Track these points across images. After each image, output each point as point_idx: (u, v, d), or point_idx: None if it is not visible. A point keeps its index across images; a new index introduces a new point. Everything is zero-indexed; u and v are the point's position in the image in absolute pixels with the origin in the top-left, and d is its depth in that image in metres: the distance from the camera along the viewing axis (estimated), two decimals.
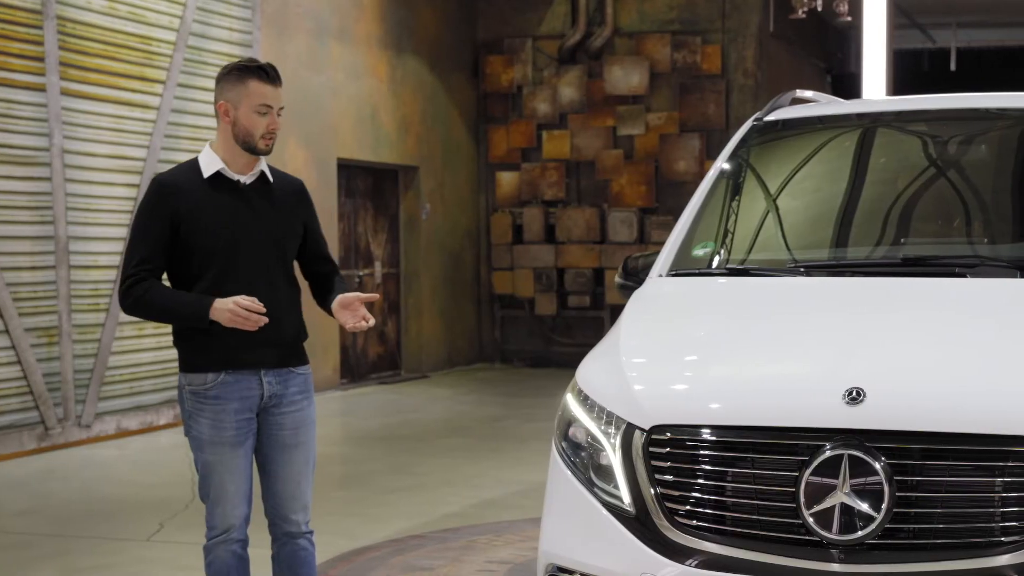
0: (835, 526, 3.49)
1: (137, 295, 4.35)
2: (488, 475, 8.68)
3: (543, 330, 15.87)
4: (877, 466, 3.46)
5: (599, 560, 3.84)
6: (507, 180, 15.88)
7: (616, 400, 3.88)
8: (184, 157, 11.32)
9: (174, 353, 4.53)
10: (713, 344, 4.09)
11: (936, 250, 4.61)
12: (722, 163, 5.06)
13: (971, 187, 4.88)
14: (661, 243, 16.21)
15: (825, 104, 5.50)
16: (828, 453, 3.50)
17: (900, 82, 14.83)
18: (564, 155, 15.56)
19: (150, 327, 10.73)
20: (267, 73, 4.39)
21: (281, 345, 4.44)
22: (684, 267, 4.69)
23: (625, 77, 15.22)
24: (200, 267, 4.39)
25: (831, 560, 3.52)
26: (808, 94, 5.55)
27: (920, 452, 3.49)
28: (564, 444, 4.06)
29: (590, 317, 15.64)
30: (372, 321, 4.50)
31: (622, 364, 4.03)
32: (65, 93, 10.07)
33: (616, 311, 15.39)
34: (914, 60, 18.92)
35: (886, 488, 3.45)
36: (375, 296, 4.57)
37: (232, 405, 4.39)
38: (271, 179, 4.50)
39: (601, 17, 15.40)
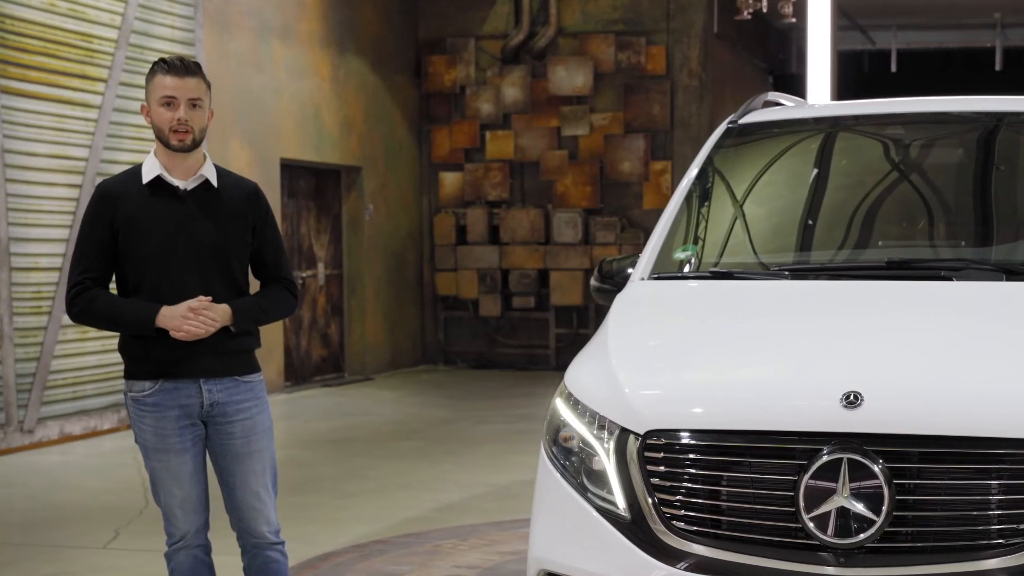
0: (835, 529, 3.47)
1: (83, 305, 4.29)
2: (446, 478, 8.58)
3: (487, 331, 15.79)
4: (876, 469, 3.44)
5: (593, 566, 3.78)
6: (450, 181, 15.79)
7: (608, 405, 3.83)
8: (127, 157, 11.13)
9: (118, 356, 4.46)
10: (706, 348, 4.05)
11: (920, 253, 4.63)
12: (698, 166, 5.02)
13: (950, 190, 4.90)
14: (606, 244, 16.29)
15: (797, 107, 5.48)
16: (827, 457, 3.48)
17: (842, 84, 14.92)
18: (508, 155, 15.50)
19: (93, 331, 10.51)
20: (169, 64, 4.28)
21: (222, 354, 4.33)
22: (666, 270, 4.65)
23: (569, 77, 15.19)
24: (136, 274, 4.31)
25: (830, 564, 3.51)
26: (779, 97, 5.54)
27: (918, 455, 3.49)
28: (554, 449, 4.00)
29: (535, 318, 15.59)
30: (199, 330, 4.25)
31: (613, 368, 3.97)
32: (5, 91, 9.84)
33: (561, 312, 15.37)
34: (855, 62, 19.08)
35: (885, 491, 3.44)
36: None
37: (172, 412, 4.31)
38: (215, 184, 4.37)
39: (545, 17, 15.36)
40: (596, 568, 3.77)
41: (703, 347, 4.06)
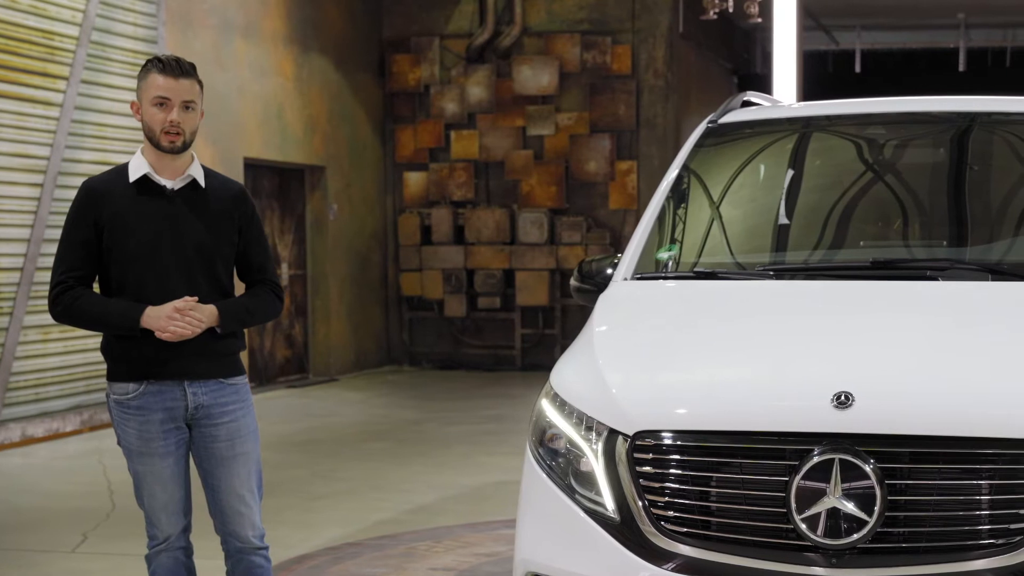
0: (827, 530, 3.45)
1: (66, 304, 4.22)
2: (416, 480, 8.51)
3: (452, 332, 15.72)
4: (868, 469, 3.43)
5: (582, 567, 3.74)
6: (415, 180, 15.70)
7: (596, 406, 3.79)
8: (89, 156, 10.99)
9: (81, 358, 4.43)
10: (693, 348, 4.01)
11: (904, 253, 4.62)
12: (679, 166, 4.99)
13: (932, 190, 4.89)
14: (572, 244, 16.23)
15: (777, 107, 5.46)
16: (819, 457, 3.46)
17: (808, 84, 14.95)
18: (473, 155, 15.42)
19: (55, 331, 10.37)
20: (165, 64, 4.21)
21: (207, 355, 4.26)
22: (648, 271, 4.61)
23: (534, 77, 15.14)
24: (120, 274, 4.24)
25: (822, 564, 3.50)
26: (756, 97, 5.52)
27: (909, 455, 3.47)
28: (541, 450, 3.94)
29: (500, 319, 15.52)
30: (184, 330, 4.18)
31: (600, 369, 3.93)
32: None
33: (527, 312, 15.31)
34: (820, 62, 19.13)
35: (878, 491, 3.43)
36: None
37: (156, 416, 4.25)
38: (203, 184, 4.30)
39: (510, 16, 15.30)
40: (584, 570, 3.72)
41: (691, 347, 4.02)
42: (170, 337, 4.13)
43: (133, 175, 4.25)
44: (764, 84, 17.30)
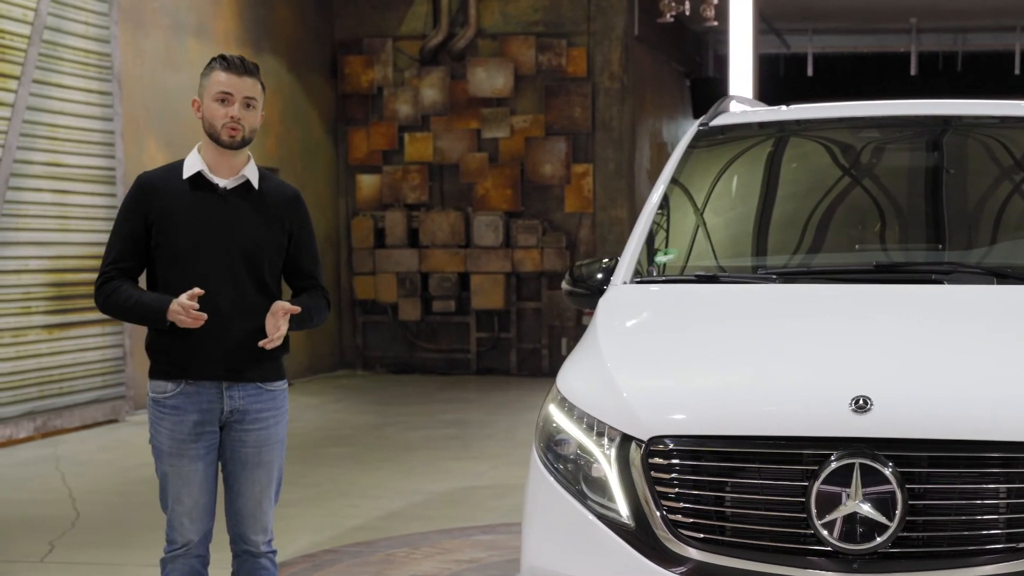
0: (848, 535, 3.41)
1: (106, 294, 4.23)
2: (385, 485, 8.39)
3: (407, 336, 15.59)
4: (888, 474, 3.39)
5: (595, 574, 3.66)
6: (368, 183, 15.56)
7: (608, 411, 3.73)
8: (42, 157, 10.77)
9: (34, 363, 4.40)
10: (705, 352, 3.95)
11: (908, 256, 4.60)
12: (672, 168, 4.94)
13: (932, 193, 4.88)
14: (527, 247, 16.11)
15: (767, 110, 5.43)
16: (839, 462, 3.43)
17: (761, 88, 14.97)
18: (427, 158, 15.31)
19: (7, 335, 10.15)
20: (228, 62, 4.21)
21: (247, 358, 4.19)
22: (648, 274, 4.56)
23: (489, 79, 15.05)
24: (166, 269, 4.22)
25: (843, 570, 3.47)
26: (742, 101, 5.49)
27: (928, 460, 3.45)
28: (549, 456, 3.87)
29: (455, 322, 15.42)
30: (274, 337, 4.16)
31: (610, 373, 3.86)
32: None
33: (482, 316, 15.22)
34: (771, 65, 19.20)
35: (899, 496, 3.39)
36: (295, 308, 4.23)
37: (191, 417, 4.20)
38: (256, 185, 4.25)
39: (464, 18, 15.20)
40: None
41: (702, 351, 3.96)
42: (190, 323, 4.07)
43: (187, 172, 4.22)
44: (717, 87, 17.35)
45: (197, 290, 4.09)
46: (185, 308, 4.07)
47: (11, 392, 10.28)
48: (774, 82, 18.07)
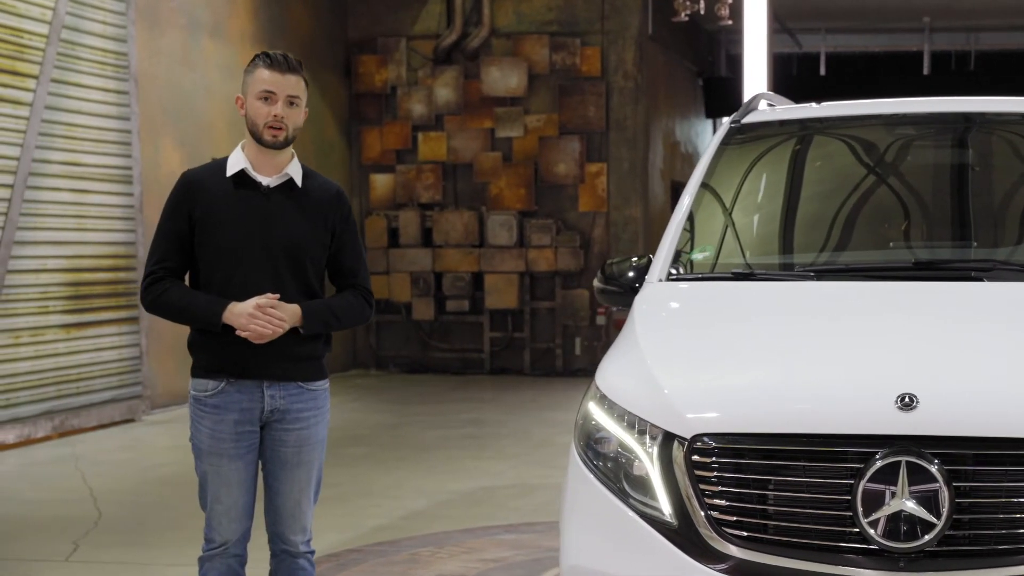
0: (895, 534, 3.39)
1: (155, 294, 4.19)
2: (405, 485, 8.38)
3: (420, 335, 15.57)
4: (934, 471, 3.37)
5: (638, 573, 3.64)
6: (382, 182, 15.55)
7: (649, 408, 3.71)
8: (60, 156, 10.77)
9: (51, 363, 4.35)
10: (746, 349, 3.93)
11: (945, 254, 4.57)
12: (705, 165, 4.92)
13: (968, 189, 4.85)
14: (541, 247, 16.06)
15: (799, 108, 5.40)
16: (885, 460, 3.41)
17: (774, 87, 14.95)
18: (441, 157, 15.30)
19: (26, 335, 10.16)
20: (272, 59, 4.19)
21: (288, 357, 4.19)
22: (684, 271, 4.54)
23: (503, 78, 15.04)
24: (209, 267, 4.20)
25: (888, 569, 3.45)
26: (771, 98, 5.46)
27: (974, 458, 3.43)
28: (589, 454, 3.85)
29: (469, 322, 15.40)
30: (265, 329, 4.10)
31: (650, 371, 3.84)
32: None
33: (496, 316, 15.20)
34: (784, 65, 19.17)
35: (945, 494, 3.37)
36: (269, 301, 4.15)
37: (231, 416, 4.18)
38: (299, 183, 4.23)
39: (477, 17, 15.20)
40: (640, 574, 3.63)
41: (744, 348, 3.94)
42: (250, 336, 4.04)
43: (231, 170, 4.20)
44: (729, 87, 17.34)
45: (272, 295, 4.07)
46: (262, 309, 4.03)
47: (29, 392, 10.29)
48: (787, 82, 18.02)
